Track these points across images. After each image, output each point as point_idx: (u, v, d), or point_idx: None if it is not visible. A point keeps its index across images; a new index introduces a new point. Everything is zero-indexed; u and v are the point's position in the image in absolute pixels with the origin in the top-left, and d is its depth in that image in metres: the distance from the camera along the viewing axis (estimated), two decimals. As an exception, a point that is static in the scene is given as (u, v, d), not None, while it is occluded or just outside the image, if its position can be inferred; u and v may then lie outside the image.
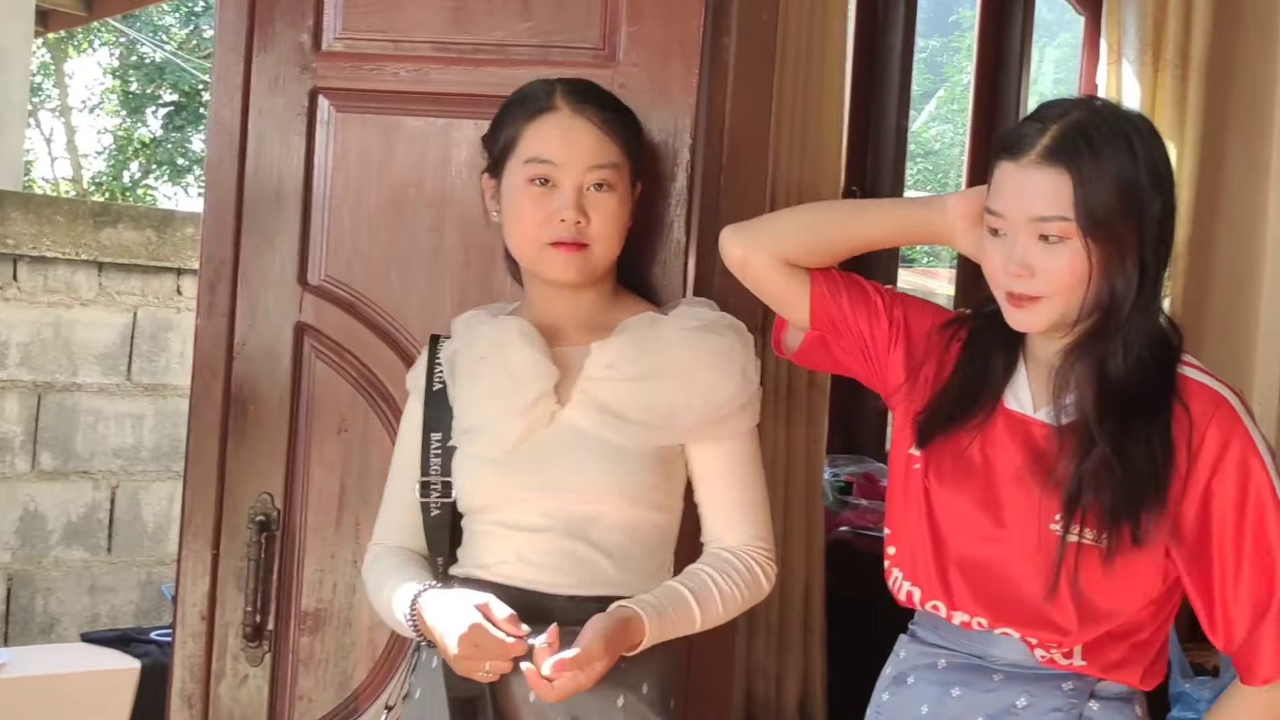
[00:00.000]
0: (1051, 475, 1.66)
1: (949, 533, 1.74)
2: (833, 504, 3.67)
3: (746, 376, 1.89)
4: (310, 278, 2.20)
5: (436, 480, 1.90)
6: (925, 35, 5.98)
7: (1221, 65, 4.26)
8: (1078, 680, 1.70)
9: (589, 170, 1.86)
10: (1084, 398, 1.66)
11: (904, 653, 1.83)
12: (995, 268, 1.67)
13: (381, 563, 1.93)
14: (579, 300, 1.92)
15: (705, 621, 1.83)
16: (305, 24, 2.19)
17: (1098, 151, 1.61)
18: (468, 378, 1.90)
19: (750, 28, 2.21)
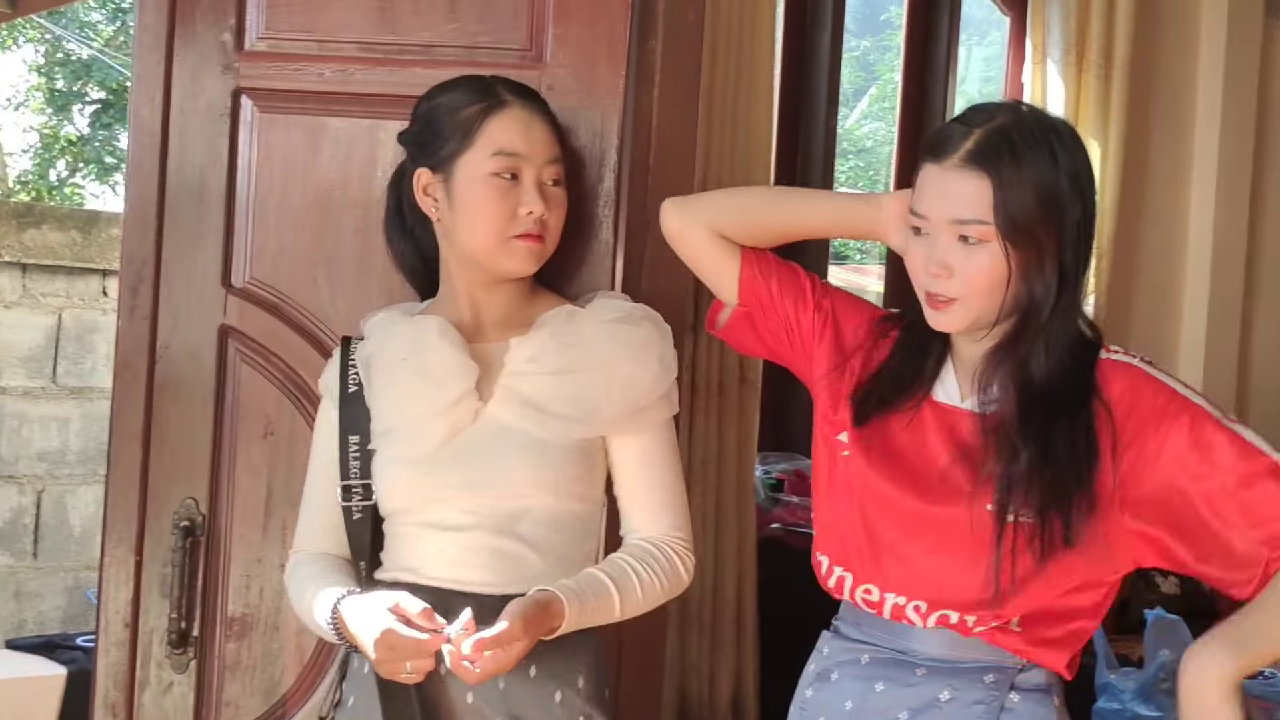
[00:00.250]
0: (982, 468, 1.68)
1: (880, 518, 1.75)
2: (764, 501, 3.68)
3: (665, 367, 1.91)
4: (234, 280, 2.18)
5: (357, 483, 1.89)
6: (857, 35, 6.02)
7: (1144, 65, 4.33)
8: (998, 672, 1.72)
9: (547, 164, 1.90)
10: (1007, 401, 1.69)
11: (827, 649, 1.84)
12: (917, 267, 1.70)
13: (303, 570, 1.92)
14: (498, 296, 1.93)
15: (625, 610, 1.84)
16: (227, 23, 2.17)
17: (1019, 157, 1.63)
18: (386, 379, 1.89)
19: (676, 29, 2.21)
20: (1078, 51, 4.09)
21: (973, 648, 1.73)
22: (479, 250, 1.89)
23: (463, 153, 1.87)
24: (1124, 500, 1.65)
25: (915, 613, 1.73)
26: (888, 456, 1.76)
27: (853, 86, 6.89)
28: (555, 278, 2.09)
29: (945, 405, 1.76)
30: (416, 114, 1.95)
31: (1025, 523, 1.65)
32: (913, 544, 1.73)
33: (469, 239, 1.89)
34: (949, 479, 1.71)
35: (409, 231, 2.00)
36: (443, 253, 1.95)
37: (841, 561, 1.78)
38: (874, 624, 1.78)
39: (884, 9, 5.70)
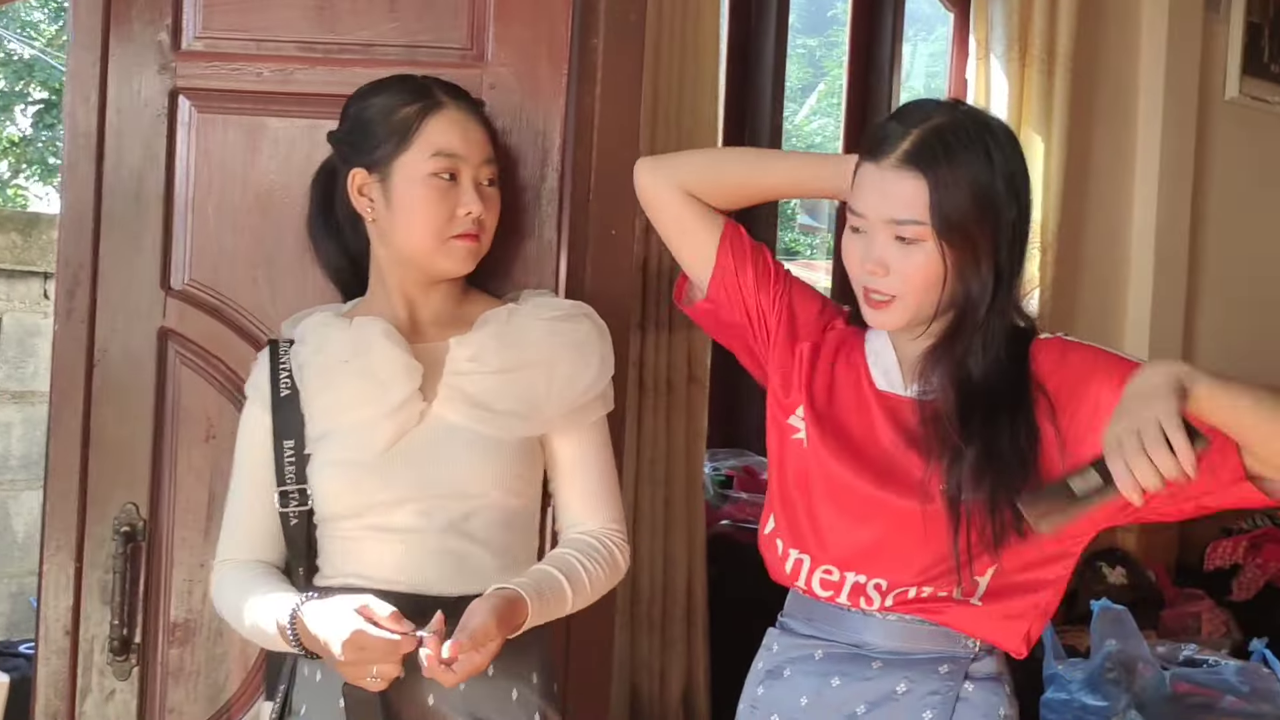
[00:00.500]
0: (930, 456, 1.71)
1: (836, 500, 1.77)
2: (713, 498, 3.69)
3: (604, 365, 1.93)
4: (173, 282, 2.16)
5: (294, 488, 1.87)
6: (804, 33, 6.05)
7: (1086, 60, 4.37)
8: (952, 662, 1.75)
9: (483, 164, 1.91)
10: (946, 399, 1.71)
11: (776, 646, 1.85)
12: (854, 263, 1.73)
13: (237, 577, 1.89)
14: (433, 296, 1.93)
15: (575, 604, 1.86)
16: (164, 22, 2.14)
17: (954, 158, 1.65)
18: (324, 382, 1.87)
19: (618, 28, 2.21)
20: (1021, 47, 4.11)
21: (926, 638, 1.76)
22: (417, 250, 1.88)
23: (400, 153, 1.87)
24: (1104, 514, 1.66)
25: (876, 591, 1.75)
26: (840, 440, 1.78)
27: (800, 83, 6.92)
28: (498, 277, 2.09)
29: (888, 394, 1.79)
30: (347, 114, 1.94)
31: (978, 515, 1.67)
32: (869, 526, 1.75)
33: (407, 239, 1.88)
34: (899, 466, 1.74)
35: (336, 231, 1.99)
36: (375, 252, 1.93)
37: (798, 544, 1.80)
38: (826, 616, 1.80)
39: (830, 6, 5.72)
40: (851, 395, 1.81)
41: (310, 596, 1.78)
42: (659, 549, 3.34)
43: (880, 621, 1.76)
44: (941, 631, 1.75)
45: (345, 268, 2.01)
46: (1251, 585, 4.52)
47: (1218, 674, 3.34)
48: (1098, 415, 1.64)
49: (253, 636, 1.86)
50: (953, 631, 1.76)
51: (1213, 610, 4.41)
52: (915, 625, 1.75)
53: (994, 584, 1.73)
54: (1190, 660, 3.47)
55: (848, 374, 1.82)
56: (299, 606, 1.76)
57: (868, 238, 1.70)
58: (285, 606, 1.78)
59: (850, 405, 1.80)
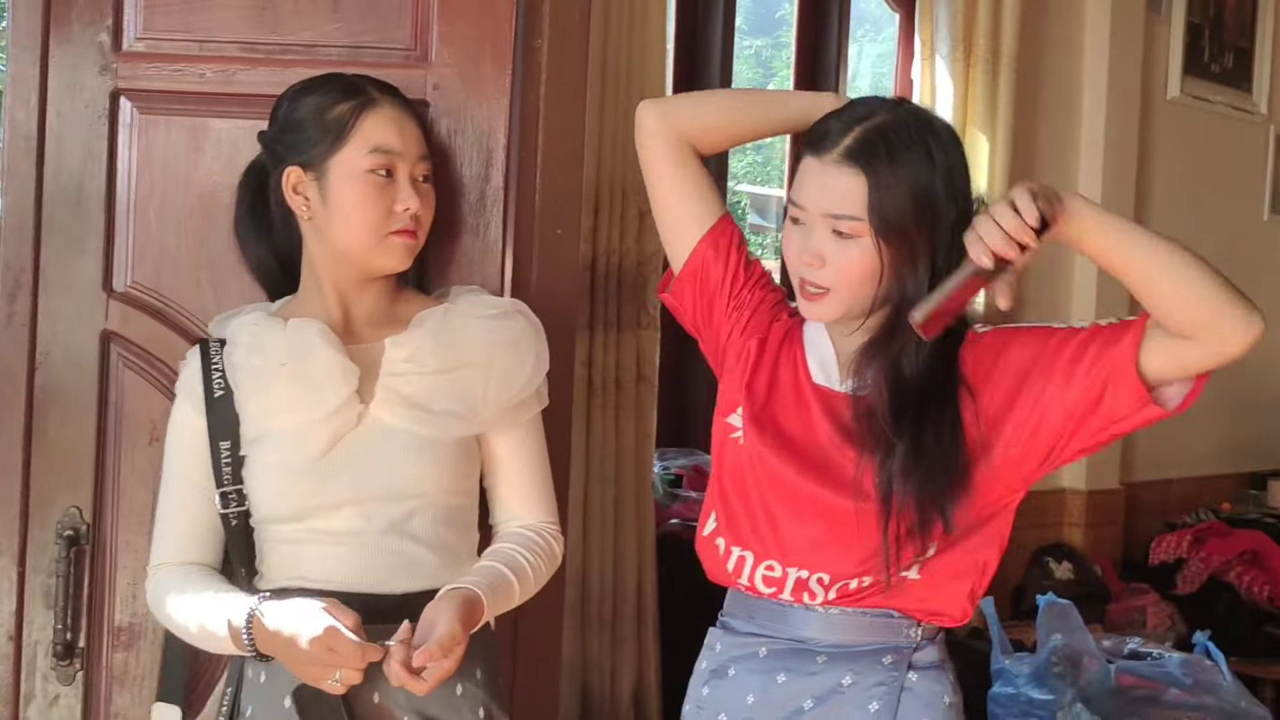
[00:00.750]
0: (863, 451, 1.73)
1: (775, 496, 1.78)
2: (663, 497, 3.70)
3: (539, 361, 1.93)
4: (116, 284, 2.14)
5: (232, 489, 1.86)
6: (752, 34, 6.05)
7: (1030, 60, 4.41)
8: (895, 653, 1.76)
9: (419, 161, 1.90)
10: (880, 396, 1.73)
11: (719, 645, 1.85)
12: (792, 254, 1.75)
13: (176, 581, 1.86)
14: (367, 294, 1.92)
15: (521, 597, 1.88)
16: (104, 23, 2.13)
17: (896, 157, 1.67)
18: (259, 384, 1.86)
19: (563, 27, 2.21)
20: (965, 47, 4.15)
21: (869, 630, 1.77)
22: (355, 247, 1.88)
23: (336, 151, 1.86)
24: (1008, 444, 1.71)
25: (819, 585, 1.76)
26: (777, 437, 1.79)
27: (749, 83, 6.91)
28: (443, 277, 2.09)
29: (824, 388, 1.81)
30: (279, 113, 1.92)
31: (908, 511, 1.69)
32: (808, 522, 1.76)
33: (344, 236, 1.87)
34: (835, 461, 1.75)
35: (266, 230, 1.98)
36: (309, 251, 1.92)
37: (740, 542, 1.80)
38: (768, 613, 1.80)
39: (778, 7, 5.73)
40: (790, 390, 1.82)
41: (265, 597, 1.77)
42: (609, 548, 3.35)
43: (823, 616, 1.78)
44: (883, 622, 1.77)
45: (274, 268, 1.99)
46: (1195, 579, 4.58)
47: (1162, 667, 3.38)
48: (1018, 388, 1.70)
49: (199, 640, 1.84)
50: (895, 621, 1.77)
51: (1158, 604, 4.47)
52: (858, 617, 1.77)
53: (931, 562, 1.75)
54: (1135, 653, 3.50)
55: (788, 368, 1.84)
56: (256, 607, 1.74)
57: (806, 229, 1.72)
58: (240, 607, 1.76)
59: (789, 400, 1.81)
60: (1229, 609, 4.47)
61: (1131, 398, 1.65)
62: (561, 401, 2.18)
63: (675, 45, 3.76)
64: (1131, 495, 4.98)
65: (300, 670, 1.71)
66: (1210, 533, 4.75)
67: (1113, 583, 4.66)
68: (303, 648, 1.68)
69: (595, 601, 3.34)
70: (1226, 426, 5.52)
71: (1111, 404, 1.66)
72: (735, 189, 5.21)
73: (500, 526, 1.96)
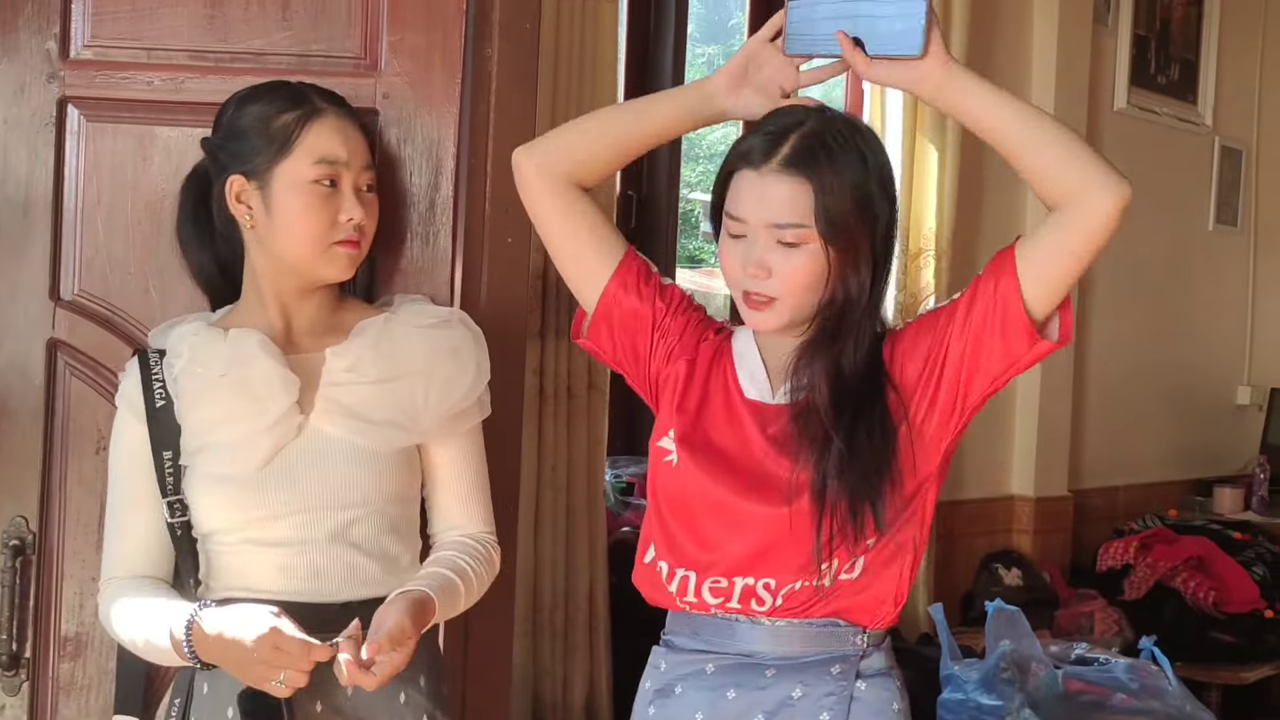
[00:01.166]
0: (798, 456, 1.73)
1: (710, 516, 1.77)
2: (615, 505, 3.71)
3: (480, 370, 1.94)
4: (63, 292, 2.13)
5: (176, 499, 1.86)
6: (704, 41, 6.07)
7: (979, 70, 4.39)
8: (843, 662, 1.77)
9: (363, 171, 1.90)
10: (820, 395, 1.74)
11: (664, 664, 1.84)
12: (734, 267, 1.74)
13: (125, 595, 1.85)
14: (309, 304, 1.92)
15: (465, 603, 1.89)
16: (51, 31, 2.12)
17: (835, 161, 1.69)
18: (200, 395, 1.85)
19: (513, 37, 2.22)
20: (915, 58, 4.17)
21: (815, 640, 1.77)
22: (299, 257, 1.87)
23: (281, 160, 1.85)
24: (923, 416, 1.75)
25: (766, 590, 1.75)
26: (710, 455, 1.78)
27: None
28: (392, 286, 2.09)
29: (756, 402, 1.81)
30: (222, 120, 1.92)
31: (840, 510, 1.71)
32: (747, 535, 1.76)
33: (288, 246, 1.87)
34: (768, 473, 1.75)
35: (209, 237, 1.96)
36: (252, 260, 1.92)
37: (683, 562, 1.79)
38: (714, 629, 1.80)
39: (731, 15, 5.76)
40: (722, 407, 1.81)
41: (206, 604, 1.76)
42: (560, 556, 3.36)
43: (769, 628, 1.77)
44: (830, 632, 1.77)
45: (216, 274, 1.98)
46: (1142, 584, 4.63)
47: (1108, 672, 3.41)
48: (921, 357, 1.74)
49: (147, 653, 1.83)
50: (841, 629, 1.78)
51: (1105, 610, 4.51)
52: (804, 628, 1.77)
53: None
54: (1082, 659, 3.53)
55: (718, 385, 1.83)
56: (196, 614, 1.73)
57: (748, 242, 1.72)
58: (180, 616, 1.75)
59: (721, 418, 1.81)
60: (1175, 614, 4.51)
61: (1021, 333, 1.69)
62: (512, 409, 2.18)
63: (626, 53, 3.77)
64: (1080, 502, 5.04)
65: (244, 672, 1.70)
66: (1157, 539, 4.80)
67: (1061, 589, 4.70)
68: (248, 647, 1.67)
69: (547, 609, 3.35)
70: (1173, 434, 5.59)
71: (1004, 344, 1.70)
72: (688, 197, 5.22)
73: (439, 536, 1.96)
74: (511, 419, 2.22)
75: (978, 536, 4.72)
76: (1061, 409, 4.90)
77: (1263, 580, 4.71)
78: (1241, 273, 5.96)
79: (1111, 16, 5.14)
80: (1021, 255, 1.70)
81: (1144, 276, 5.37)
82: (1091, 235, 1.68)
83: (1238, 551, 4.81)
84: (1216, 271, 5.82)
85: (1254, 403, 5.93)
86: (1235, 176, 5.85)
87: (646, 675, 1.86)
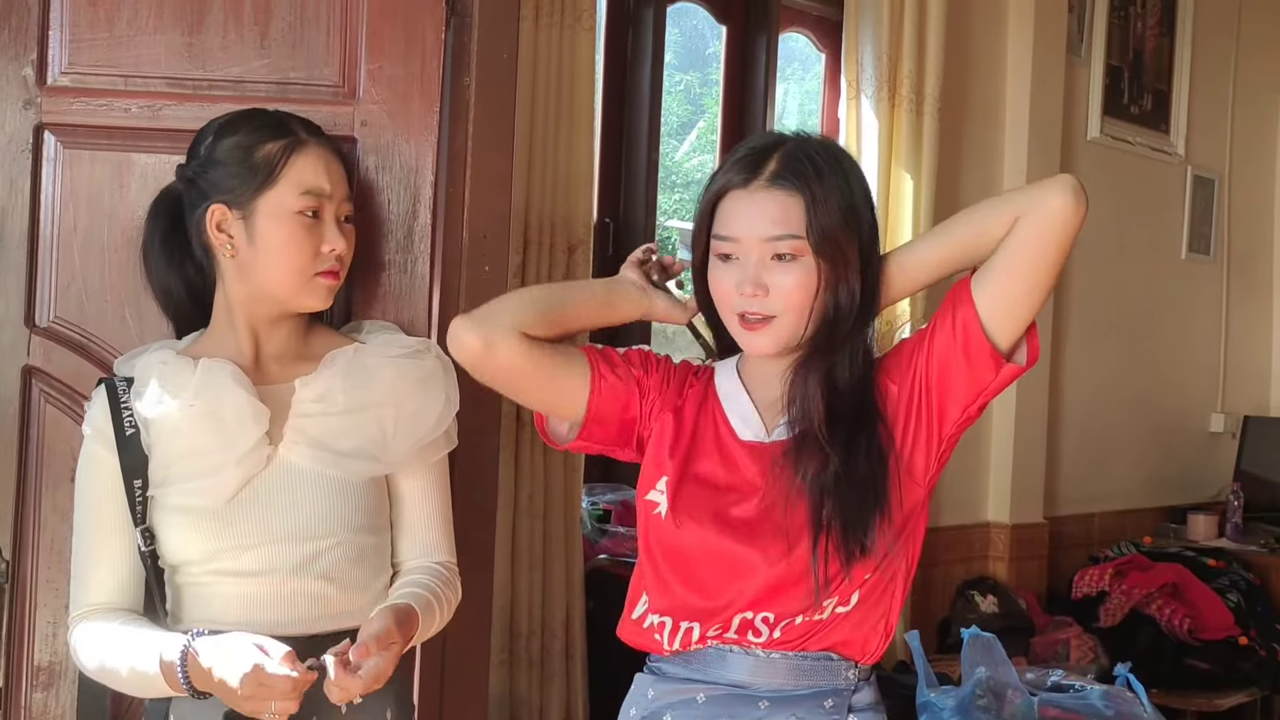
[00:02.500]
0: (793, 485, 1.72)
1: (710, 563, 1.75)
2: (591, 533, 3.70)
3: (450, 401, 1.94)
4: (38, 319, 2.12)
5: (146, 528, 1.84)
6: (682, 69, 6.09)
7: (954, 101, 4.48)
8: (835, 696, 1.75)
9: (344, 202, 1.90)
10: (815, 410, 1.74)
11: (652, 691, 1.80)
12: (727, 290, 1.74)
13: (102, 628, 1.82)
14: (280, 332, 1.92)
15: (436, 626, 1.90)
16: (28, 58, 2.12)
17: (820, 174, 1.72)
18: (168, 425, 1.83)
19: (490, 65, 2.24)
20: (890, 88, 4.20)
21: (809, 674, 1.75)
22: (280, 287, 1.87)
23: (265, 190, 1.85)
24: (910, 446, 1.76)
25: (764, 624, 1.73)
26: (708, 504, 1.77)
27: (681, 120, 6.95)
28: (370, 314, 2.09)
29: (753, 443, 1.80)
30: (200, 148, 1.91)
31: (835, 534, 1.70)
32: (749, 581, 1.74)
33: (269, 275, 1.87)
34: (770, 520, 1.73)
35: (177, 260, 1.95)
36: (227, 288, 1.91)
37: (686, 616, 1.77)
38: (705, 659, 1.77)
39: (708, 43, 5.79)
40: (715, 452, 1.80)
41: (199, 633, 1.74)
42: (537, 583, 3.35)
43: (764, 660, 1.75)
44: (824, 665, 1.76)
45: (184, 299, 1.97)
46: (1117, 611, 4.64)
47: (1083, 699, 3.41)
48: (899, 387, 1.76)
49: (129, 684, 1.80)
50: (834, 664, 1.76)
51: (1081, 636, 4.52)
52: (799, 661, 1.75)
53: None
54: (1058, 686, 3.53)
55: (708, 431, 1.82)
56: (190, 644, 1.72)
57: (741, 263, 1.73)
58: (174, 645, 1.73)
59: (715, 463, 1.79)
60: (1150, 641, 4.53)
61: (985, 358, 1.72)
62: (489, 437, 2.18)
63: (604, 81, 3.79)
64: (1055, 529, 5.05)
65: (237, 704, 1.69)
66: (1132, 566, 4.82)
67: (1037, 616, 4.70)
68: (235, 683, 1.66)
69: (524, 637, 3.33)
70: (1147, 461, 5.62)
71: (970, 371, 1.72)
72: (665, 224, 5.24)
73: (404, 564, 1.95)
74: (488, 446, 2.23)
75: (954, 563, 4.73)
76: (1036, 436, 4.92)
77: (1237, 607, 4.73)
78: (1214, 301, 6.00)
79: (1084, 47, 5.18)
80: (977, 284, 1.72)
81: (1118, 305, 5.41)
82: (1039, 249, 1.69)
83: (1212, 578, 4.83)
84: (1190, 300, 5.86)
85: (1227, 430, 5.96)
86: (1208, 205, 5.89)
87: (631, 702, 1.83)
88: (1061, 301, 5.04)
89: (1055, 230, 1.68)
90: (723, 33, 4.25)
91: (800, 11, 4.31)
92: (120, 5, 2.13)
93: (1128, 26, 5.40)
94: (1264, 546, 5.29)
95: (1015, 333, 1.72)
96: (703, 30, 5.51)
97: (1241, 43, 6.00)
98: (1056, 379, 5.04)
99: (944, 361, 1.73)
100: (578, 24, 3.39)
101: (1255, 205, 6.21)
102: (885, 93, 4.18)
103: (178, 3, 2.13)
